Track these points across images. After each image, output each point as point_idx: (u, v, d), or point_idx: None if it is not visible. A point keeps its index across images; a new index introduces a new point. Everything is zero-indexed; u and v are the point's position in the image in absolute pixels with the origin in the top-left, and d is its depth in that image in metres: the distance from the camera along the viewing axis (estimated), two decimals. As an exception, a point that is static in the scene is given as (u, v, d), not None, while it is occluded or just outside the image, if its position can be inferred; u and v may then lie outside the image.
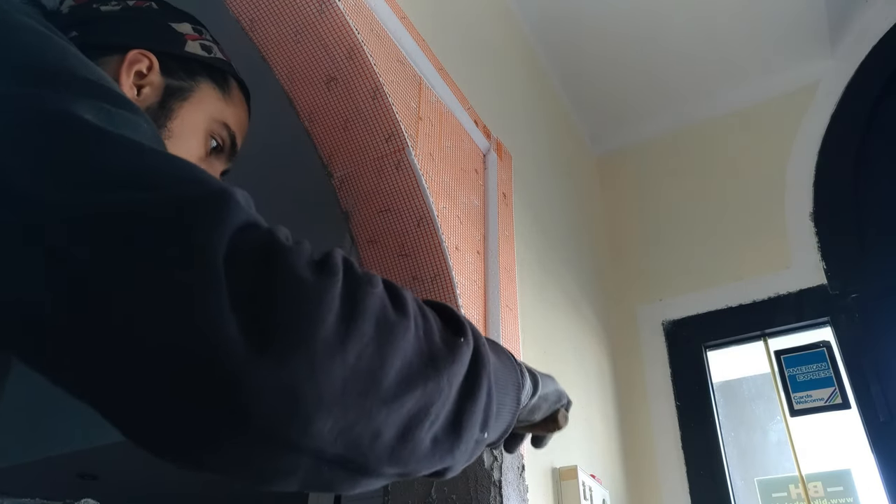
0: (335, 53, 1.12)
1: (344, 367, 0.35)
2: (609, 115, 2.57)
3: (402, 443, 0.39)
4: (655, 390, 2.04)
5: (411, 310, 0.41)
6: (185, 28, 0.75)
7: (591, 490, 1.44)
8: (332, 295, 0.36)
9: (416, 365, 0.40)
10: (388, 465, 0.38)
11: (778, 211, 2.15)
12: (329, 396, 0.34)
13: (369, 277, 0.40)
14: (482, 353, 0.46)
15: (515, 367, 0.56)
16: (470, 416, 0.44)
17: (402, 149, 1.16)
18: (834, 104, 2.20)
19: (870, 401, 1.75)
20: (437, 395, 0.40)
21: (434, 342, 0.42)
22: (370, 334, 0.37)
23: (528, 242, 1.63)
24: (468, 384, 0.44)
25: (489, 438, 0.49)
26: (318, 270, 0.36)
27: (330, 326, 0.35)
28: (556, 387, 0.66)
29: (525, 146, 1.83)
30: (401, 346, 0.39)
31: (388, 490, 1.12)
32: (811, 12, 2.19)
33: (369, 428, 0.36)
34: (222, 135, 0.75)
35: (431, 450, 0.41)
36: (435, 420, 0.41)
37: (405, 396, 0.38)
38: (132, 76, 0.67)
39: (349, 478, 0.38)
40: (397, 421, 0.38)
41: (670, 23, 2.22)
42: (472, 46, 1.68)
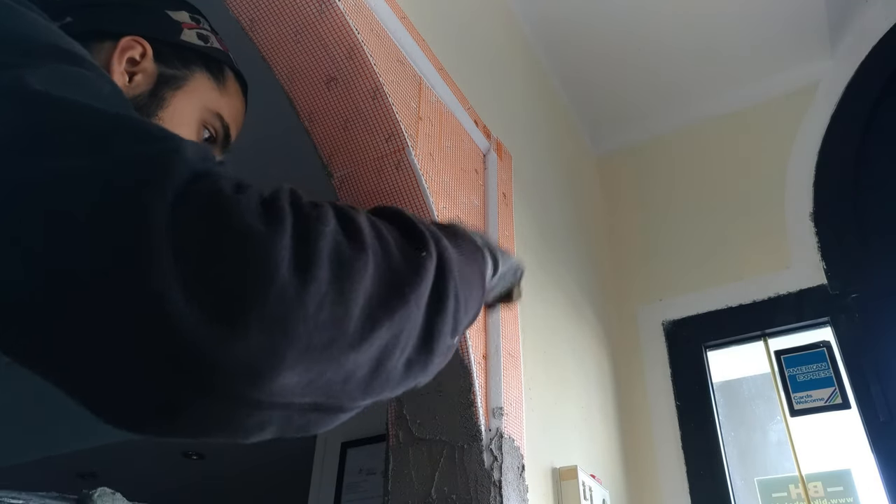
0: (335, 53, 1.12)
1: (304, 322, 0.33)
2: (609, 115, 2.57)
3: (375, 376, 0.37)
4: (655, 390, 2.04)
5: (368, 238, 0.39)
6: (181, 16, 0.74)
7: (591, 490, 1.44)
8: (281, 244, 0.33)
9: (381, 298, 0.37)
10: (362, 398, 0.38)
11: (778, 211, 2.15)
12: (292, 354, 0.33)
13: (319, 213, 0.37)
14: (446, 260, 0.44)
15: (479, 254, 0.53)
16: (440, 328, 0.42)
17: (402, 149, 1.16)
18: (834, 104, 2.20)
19: (870, 401, 1.75)
20: (406, 321, 0.39)
21: (396, 267, 0.40)
22: (327, 279, 0.35)
23: (528, 242, 1.63)
24: (435, 298, 0.42)
25: (458, 340, 0.48)
26: (266, 216, 0.34)
27: (282, 280, 0.33)
28: (511, 262, 0.64)
29: (525, 146, 1.83)
30: (362, 284, 0.36)
31: (388, 490, 1.12)
32: (811, 12, 2.19)
33: (339, 373, 0.35)
34: (215, 125, 0.74)
35: (405, 373, 0.40)
36: (406, 346, 0.39)
37: (373, 335, 0.36)
38: (124, 63, 0.66)
39: (326, 418, 0.37)
40: (368, 359, 0.37)
41: (670, 23, 2.22)
42: (472, 46, 1.68)
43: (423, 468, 1.11)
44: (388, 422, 1.18)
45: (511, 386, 1.22)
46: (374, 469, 2.09)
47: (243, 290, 0.32)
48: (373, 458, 2.11)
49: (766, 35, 2.26)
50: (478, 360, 1.17)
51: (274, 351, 0.32)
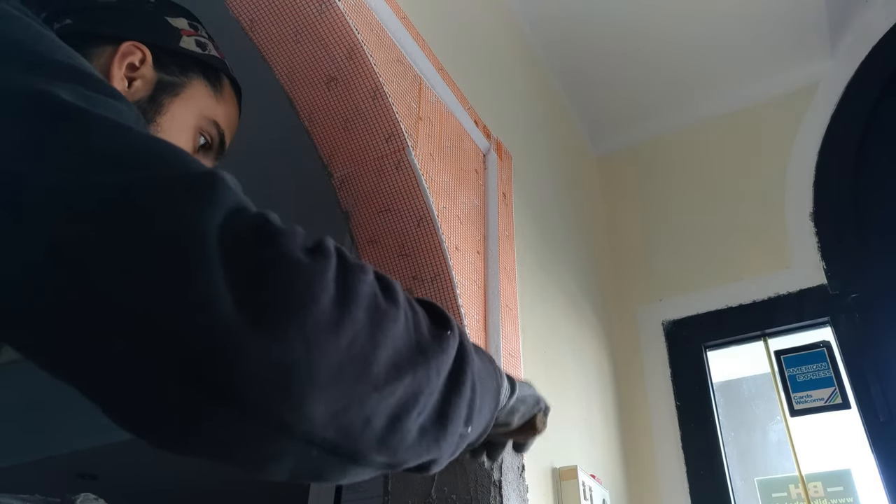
0: (335, 53, 1.12)
1: (338, 350, 0.35)
2: (609, 115, 2.57)
3: (392, 431, 0.38)
4: (655, 390, 2.04)
5: (401, 300, 0.41)
6: (180, 23, 0.75)
7: (591, 490, 1.44)
8: (326, 277, 0.36)
9: (407, 353, 0.40)
10: (377, 452, 0.38)
11: (778, 211, 2.15)
12: (324, 377, 0.34)
13: (361, 265, 0.40)
14: (466, 348, 0.47)
15: (495, 368, 0.56)
16: (455, 408, 0.44)
17: (402, 149, 1.16)
18: (834, 104, 2.20)
19: (870, 401, 1.75)
20: (426, 385, 0.41)
21: (422, 333, 0.42)
22: (363, 320, 0.37)
23: (528, 242, 1.63)
24: (454, 377, 0.44)
25: (471, 435, 0.49)
26: (312, 253, 0.36)
27: (324, 307, 0.35)
28: (533, 392, 0.66)
29: (525, 146, 1.83)
30: (392, 335, 0.39)
31: (388, 490, 1.12)
32: (811, 12, 2.19)
33: (361, 414, 0.36)
34: (211, 132, 0.75)
35: (419, 439, 0.41)
36: (423, 410, 0.40)
37: (396, 384, 0.38)
38: (124, 68, 0.67)
39: (339, 465, 0.37)
40: (388, 408, 0.38)
41: (670, 23, 2.22)
42: (472, 46, 1.68)
43: (423, 468, 1.11)
44: (388, 422, 1.17)
45: (511, 386, 1.22)
46: (374, 469, 2.09)
47: (288, 307, 0.33)
48: (373, 458, 2.10)
49: (766, 35, 2.26)
50: (478, 360, 1.17)
51: (310, 369, 0.33)
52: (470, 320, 1.19)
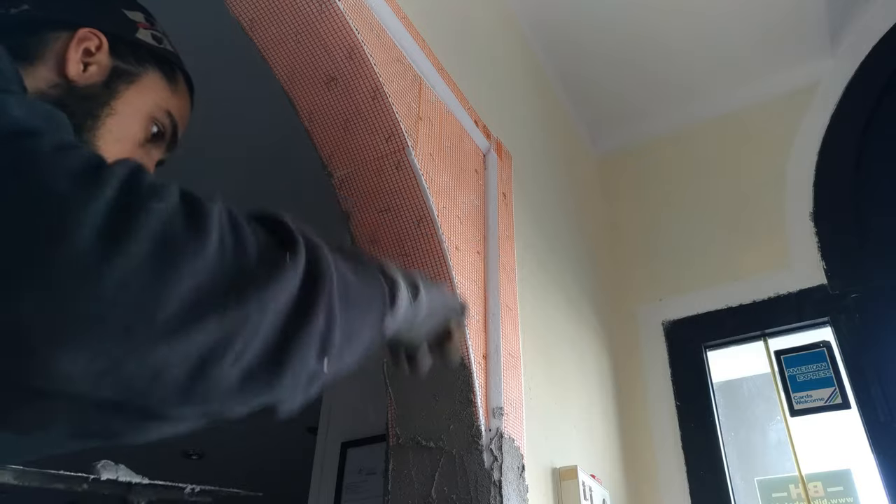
0: (335, 53, 1.12)
1: (98, 296, 0.30)
2: (609, 115, 2.57)
3: (196, 380, 0.33)
4: (655, 390, 2.04)
5: (214, 226, 0.35)
6: (137, 16, 0.77)
7: (591, 490, 1.44)
8: (89, 208, 0.31)
9: (211, 289, 0.34)
10: (178, 405, 0.34)
11: (778, 211, 2.15)
12: (77, 332, 0.29)
13: (155, 189, 0.34)
14: (320, 270, 0.40)
15: (380, 282, 0.50)
16: (297, 345, 0.38)
17: (402, 149, 1.16)
18: (834, 104, 2.20)
19: (870, 401, 1.75)
20: (242, 325, 0.35)
21: (244, 263, 0.36)
22: (142, 254, 0.31)
23: (528, 242, 1.63)
24: (296, 307, 0.38)
25: (339, 365, 0.43)
26: (82, 180, 0.32)
27: (79, 249, 0.30)
28: (444, 298, 0.61)
29: (525, 146, 1.83)
30: (188, 269, 0.33)
31: (388, 490, 1.12)
32: (811, 12, 2.19)
33: (144, 367, 0.31)
34: (164, 122, 0.76)
35: (240, 385, 0.35)
36: (241, 353, 0.35)
37: (193, 328, 0.33)
38: (80, 52, 0.68)
39: (132, 422, 0.33)
40: (184, 357, 0.32)
41: (670, 23, 2.22)
42: (472, 46, 1.68)
43: (424, 468, 1.11)
44: (388, 422, 1.18)
45: (511, 386, 1.22)
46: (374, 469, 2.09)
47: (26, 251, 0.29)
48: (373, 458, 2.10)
49: (766, 35, 2.26)
50: (478, 360, 1.17)
51: (53, 325, 0.29)
52: (470, 320, 1.19)
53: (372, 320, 0.47)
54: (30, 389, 0.29)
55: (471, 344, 1.16)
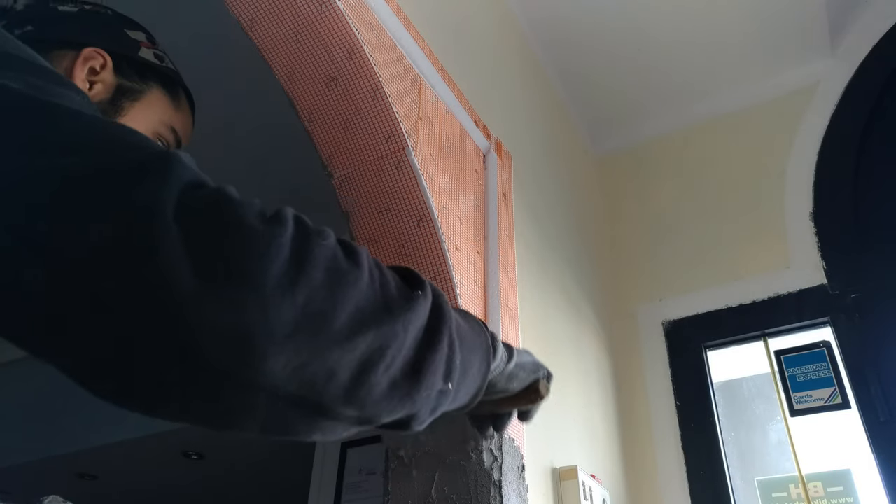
0: (335, 53, 1.12)
1: (294, 308, 0.36)
2: (609, 115, 2.57)
3: (358, 383, 0.40)
4: (655, 390, 2.04)
5: (365, 263, 0.43)
6: (139, 36, 0.79)
7: (591, 490, 1.44)
8: (280, 241, 0.37)
9: (369, 310, 0.41)
10: (343, 405, 0.40)
11: (778, 211, 2.15)
12: (280, 334, 0.36)
13: (321, 230, 0.42)
14: (442, 309, 0.48)
15: (485, 333, 0.58)
16: (430, 363, 0.45)
17: (402, 149, 1.16)
18: (834, 104, 2.20)
19: (870, 401, 1.75)
20: (392, 339, 0.42)
21: (389, 292, 0.44)
22: (320, 279, 0.39)
23: (528, 242, 1.63)
24: (427, 334, 0.46)
25: (458, 397, 0.51)
26: (268, 221, 0.38)
27: (278, 269, 0.36)
28: (532, 358, 0.68)
29: (525, 146, 1.83)
30: (352, 293, 0.41)
31: (388, 490, 1.12)
32: (811, 12, 2.19)
33: (323, 367, 0.38)
34: (169, 138, 0.79)
35: (388, 393, 0.42)
36: (391, 363, 0.42)
37: (357, 338, 0.40)
38: (86, 71, 0.70)
39: (307, 417, 0.39)
40: (351, 361, 0.39)
41: (670, 23, 2.22)
42: (472, 46, 1.68)
43: (424, 468, 1.11)
44: (388, 422, 1.17)
45: (511, 386, 1.22)
46: (374, 469, 2.09)
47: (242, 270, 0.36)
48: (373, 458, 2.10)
49: (766, 35, 2.26)
50: (478, 360, 1.17)
51: (267, 326, 0.35)
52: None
53: (480, 360, 0.55)
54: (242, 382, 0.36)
55: (471, 344, 1.16)
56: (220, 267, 0.35)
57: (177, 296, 0.33)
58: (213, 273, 0.35)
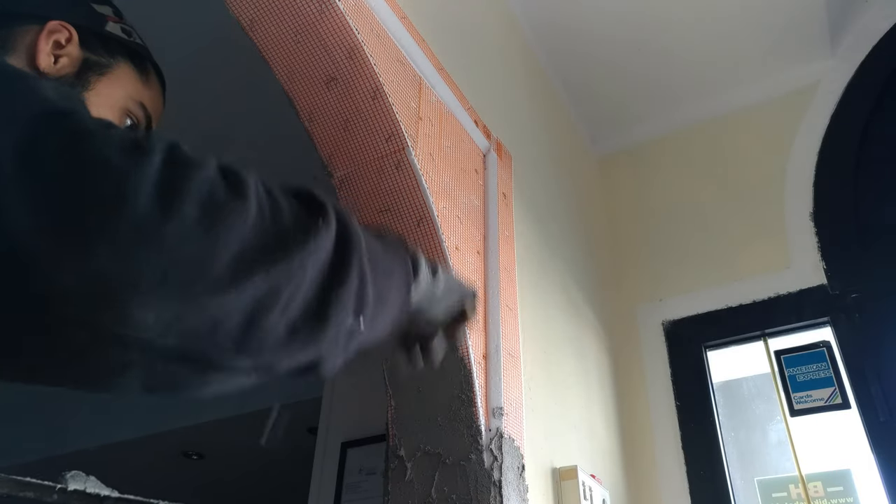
0: (335, 53, 1.12)
1: (161, 253, 0.33)
2: (609, 115, 2.57)
3: (249, 331, 0.37)
4: (655, 390, 2.04)
5: (252, 192, 0.39)
6: (105, 10, 0.77)
7: (591, 490, 1.44)
8: (141, 176, 0.34)
9: (257, 249, 0.37)
10: (234, 355, 0.37)
11: (778, 211, 2.15)
12: (146, 284, 0.33)
13: (197, 161, 0.37)
14: (350, 235, 0.44)
15: (404, 254, 0.54)
16: (335, 300, 0.41)
17: (402, 149, 1.16)
18: (834, 104, 2.20)
19: (870, 401, 1.75)
20: (287, 280, 0.38)
21: (282, 225, 0.40)
22: (193, 217, 0.35)
23: (528, 242, 1.63)
24: (331, 266, 0.42)
25: (375, 330, 0.47)
26: (129, 152, 0.35)
27: (139, 209, 0.33)
28: (456, 281, 0.64)
29: (525, 146, 1.83)
30: (235, 229, 0.36)
31: (388, 490, 1.12)
32: (811, 12, 2.19)
33: (204, 317, 0.35)
34: (138, 114, 0.77)
35: (288, 338, 0.39)
36: (287, 306, 0.38)
37: (244, 282, 0.36)
38: (50, 44, 0.69)
39: (196, 372, 0.36)
40: (237, 308, 0.36)
41: (670, 23, 2.22)
42: (472, 46, 1.68)
43: (423, 468, 1.11)
44: (388, 422, 1.18)
45: (511, 386, 1.22)
46: (374, 469, 2.09)
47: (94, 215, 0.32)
48: (373, 458, 2.10)
49: (766, 35, 2.26)
50: (478, 360, 1.17)
51: (127, 277, 0.32)
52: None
53: (398, 285, 0.50)
54: (110, 337, 0.33)
55: (471, 344, 1.16)
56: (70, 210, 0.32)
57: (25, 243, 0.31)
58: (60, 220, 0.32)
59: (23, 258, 0.31)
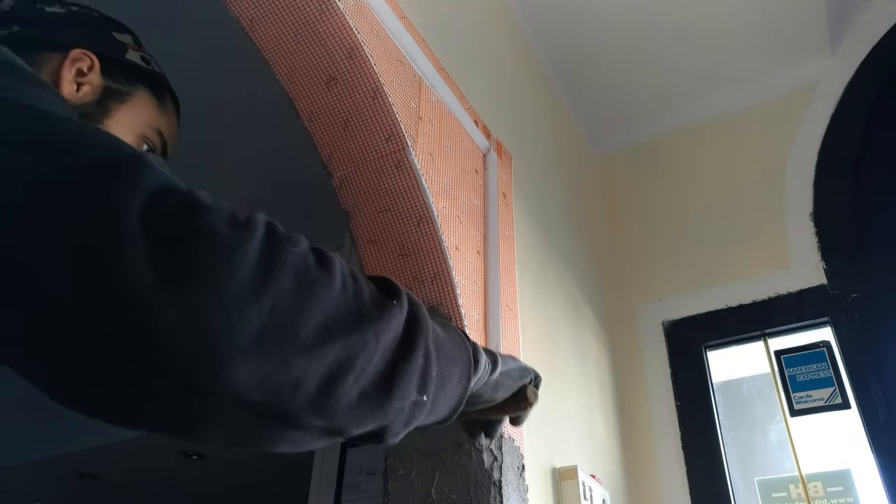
0: (335, 53, 1.12)
1: (259, 314, 0.36)
2: (609, 115, 2.57)
3: (325, 393, 0.39)
4: (655, 390, 2.04)
5: (338, 271, 0.42)
6: (125, 38, 0.79)
7: (591, 490, 1.44)
8: (248, 246, 0.37)
9: (340, 318, 0.40)
10: (311, 415, 0.39)
11: (778, 211, 2.15)
12: (244, 341, 0.35)
13: (292, 237, 0.41)
14: (419, 319, 0.47)
15: (466, 345, 0.57)
16: (402, 374, 0.44)
17: (402, 149, 1.16)
18: (834, 104, 2.20)
19: (870, 401, 1.75)
20: (362, 349, 0.41)
21: (362, 301, 0.43)
22: (288, 286, 0.38)
23: (528, 242, 1.63)
24: (401, 344, 0.45)
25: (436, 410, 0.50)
26: (237, 226, 0.38)
27: (244, 274, 0.36)
28: (518, 364, 0.68)
29: (525, 146, 1.83)
30: (322, 300, 0.40)
31: (388, 490, 1.12)
32: (811, 12, 2.19)
33: (289, 376, 0.37)
34: (155, 140, 0.79)
35: (358, 404, 0.41)
36: (361, 374, 0.41)
37: (325, 347, 0.39)
38: (73, 73, 0.70)
39: (273, 428, 0.39)
40: (318, 371, 0.38)
41: (670, 23, 2.22)
42: (472, 46, 1.68)
43: (423, 468, 1.11)
44: (388, 422, 1.17)
45: (511, 386, 1.22)
46: (374, 469, 2.09)
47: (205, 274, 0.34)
48: (373, 458, 2.10)
49: (765, 35, 2.26)
50: (478, 360, 1.17)
51: (231, 332, 0.34)
52: (470, 320, 1.19)
53: (460, 372, 0.54)
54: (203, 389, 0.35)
55: (471, 344, 1.16)
56: (183, 271, 0.34)
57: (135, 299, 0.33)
58: (175, 277, 0.34)
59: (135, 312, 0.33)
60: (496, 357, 0.63)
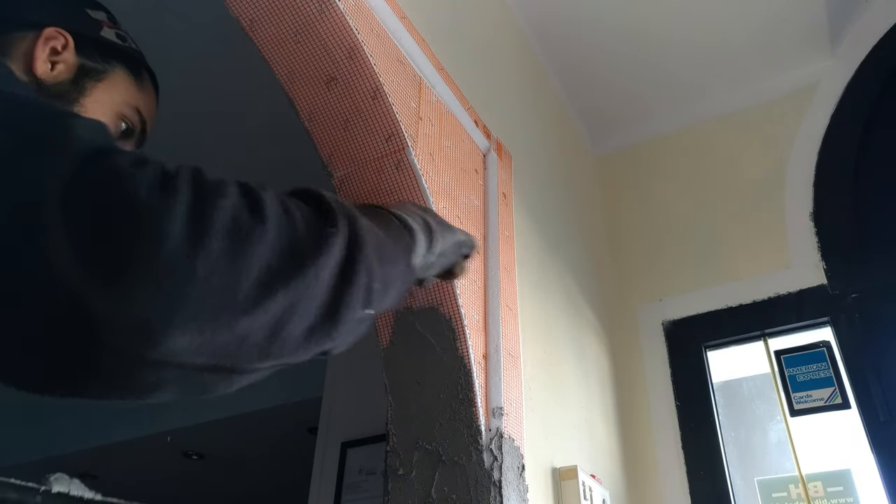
0: (335, 53, 1.12)
1: (194, 286, 0.35)
2: (609, 115, 2.57)
3: (272, 341, 0.39)
4: (655, 390, 2.04)
5: (270, 211, 0.41)
6: (100, 15, 0.78)
7: (591, 490, 1.44)
8: (172, 215, 0.36)
9: (277, 266, 0.40)
10: (259, 361, 0.40)
11: (778, 211, 2.15)
12: (181, 317, 0.35)
13: (219, 188, 0.40)
14: (358, 236, 0.46)
15: (403, 233, 0.57)
16: (348, 299, 0.44)
17: (402, 149, 1.16)
18: (834, 104, 2.20)
19: (870, 401, 1.75)
20: (304, 291, 0.41)
21: (298, 239, 0.42)
22: (220, 248, 0.37)
23: (528, 242, 1.63)
24: (343, 270, 0.44)
25: (378, 308, 0.50)
26: (160, 190, 0.37)
27: (172, 247, 0.35)
28: (455, 238, 0.67)
29: (525, 146, 1.83)
30: (256, 253, 0.39)
31: (388, 490, 1.12)
32: (811, 12, 2.19)
33: (233, 336, 0.37)
34: (133, 119, 0.78)
35: (306, 339, 0.42)
36: (305, 314, 0.41)
37: (267, 301, 0.39)
38: (47, 51, 0.69)
39: (223, 379, 0.40)
40: (263, 324, 0.39)
41: (670, 23, 2.22)
42: (472, 46, 1.68)
43: (423, 468, 1.11)
44: (388, 422, 1.18)
45: (511, 386, 1.22)
46: (374, 469, 2.09)
47: (130, 255, 0.34)
48: (373, 458, 2.10)
49: (766, 35, 2.26)
50: (478, 360, 1.17)
51: (164, 312, 0.34)
52: (470, 320, 1.19)
53: (401, 269, 0.54)
54: (148, 362, 0.35)
55: (471, 344, 1.16)
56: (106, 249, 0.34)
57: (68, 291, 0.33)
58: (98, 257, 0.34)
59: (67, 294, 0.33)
60: (433, 236, 0.62)
